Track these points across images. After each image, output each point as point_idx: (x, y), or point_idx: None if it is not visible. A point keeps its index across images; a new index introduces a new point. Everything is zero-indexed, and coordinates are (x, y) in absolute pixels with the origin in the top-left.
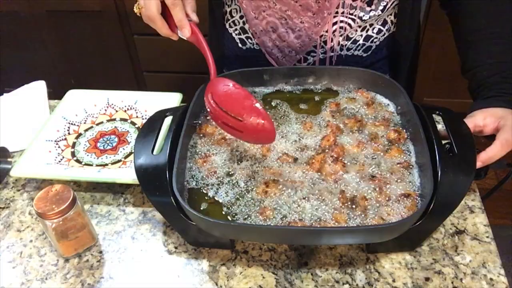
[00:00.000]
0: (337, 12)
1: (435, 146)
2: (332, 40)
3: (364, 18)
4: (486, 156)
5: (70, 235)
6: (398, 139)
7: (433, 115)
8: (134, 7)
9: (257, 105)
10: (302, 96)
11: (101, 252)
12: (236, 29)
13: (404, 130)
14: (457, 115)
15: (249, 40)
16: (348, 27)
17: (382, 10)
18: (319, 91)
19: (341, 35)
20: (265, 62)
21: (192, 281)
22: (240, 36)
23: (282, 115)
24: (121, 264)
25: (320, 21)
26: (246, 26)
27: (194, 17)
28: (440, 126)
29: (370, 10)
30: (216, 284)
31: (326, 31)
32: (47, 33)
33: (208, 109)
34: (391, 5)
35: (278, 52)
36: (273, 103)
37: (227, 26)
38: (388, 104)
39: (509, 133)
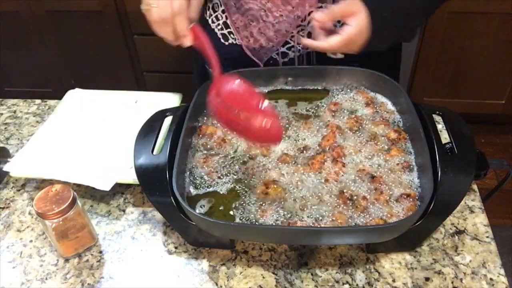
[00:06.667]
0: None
1: (435, 146)
2: (311, 34)
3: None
4: (326, 45)
5: (70, 235)
6: (398, 139)
7: (433, 115)
8: (142, 5)
9: (265, 103)
10: (302, 96)
11: (101, 252)
12: (218, 24)
13: (404, 130)
14: (457, 115)
15: (231, 35)
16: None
17: None
18: (319, 91)
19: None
20: (248, 57)
21: (192, 281)
22: (222, 31)
23: (282, 115)
24: (121, 264)
25: (300, 14)
26: (229, 21)
27: (196, 15)
28: (440, 126)
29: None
30: (216, 284)
31: (306, 24)
32: (47, 33)
33: (213, 109)
34: None
35: (256, 44)
36: (272, 103)
37: (210, 21)
38: (388, 104)
39: (355, 31)
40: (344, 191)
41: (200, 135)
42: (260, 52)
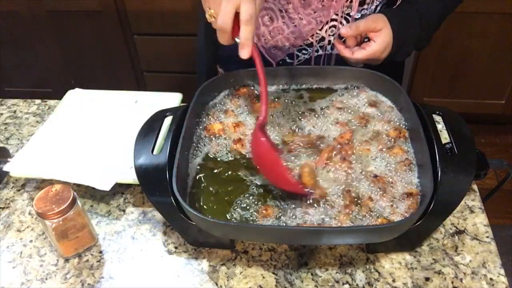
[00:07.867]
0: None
1: (435, 146)
2: (324, 39)
3: (356, 17)
4: (352, 56)
5: (70, 235)
6: (399, 137)
7: (433, 115)
8: (206, 14)
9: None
10: (303, 95)
11: (101, 252)
12: None
13: (405, 128)
14: (457, 115)
15: None
16: (340, 26)
17: (374, 10)
18: (321, 90)
19: (333, 34)
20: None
21: (192, 281)
22: None
23: (283, 114)
24: (121, 264)
25: (324, 19)
26: None
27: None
28: (440, 126)
29: (362, 9)
30: (216, 284)
31: (320, 29)
32: (47, 33)
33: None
34: (381, 7)
35: (270, 43)
36: (273, 102)
37: None
38: (388, 104)
39: (378, 48)
40: (350, 190)
41: (200, 135)
42: (274, 52)
